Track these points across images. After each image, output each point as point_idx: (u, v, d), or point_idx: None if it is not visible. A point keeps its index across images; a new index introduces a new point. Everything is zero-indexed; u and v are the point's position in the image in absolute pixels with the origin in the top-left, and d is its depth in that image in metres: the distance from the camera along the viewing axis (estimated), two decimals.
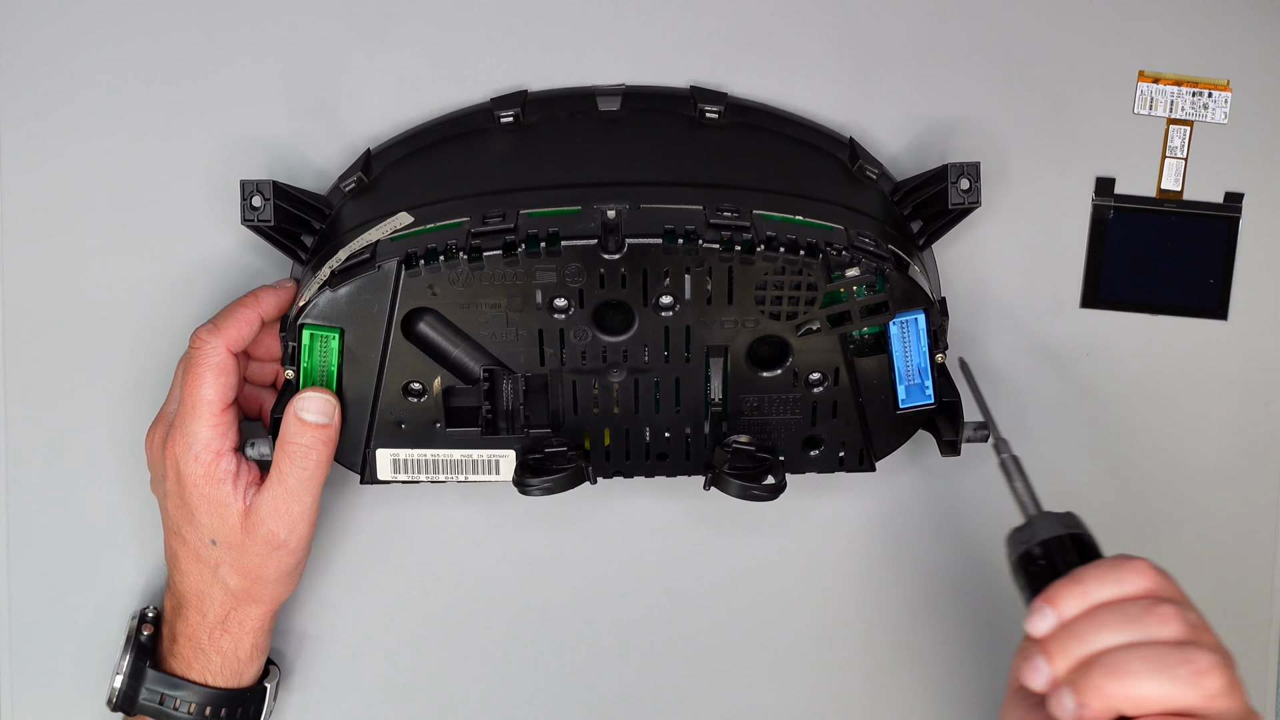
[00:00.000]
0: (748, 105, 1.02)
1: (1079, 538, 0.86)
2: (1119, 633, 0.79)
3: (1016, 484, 0.90)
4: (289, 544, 0.96)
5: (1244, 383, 1.06)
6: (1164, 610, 0.80)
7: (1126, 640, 0.79)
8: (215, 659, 0.99)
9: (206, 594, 0.98)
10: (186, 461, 0.95)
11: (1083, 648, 0.79)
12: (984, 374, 1.04)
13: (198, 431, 0.95)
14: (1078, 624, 0.80)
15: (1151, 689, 0.77)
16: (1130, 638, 0.79)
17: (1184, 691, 0.77)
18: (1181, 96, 1.03)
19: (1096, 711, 0.78)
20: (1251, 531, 1.07)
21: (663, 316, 0.92)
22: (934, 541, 1.07)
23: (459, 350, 0.95)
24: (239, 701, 1.00)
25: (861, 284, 0.91)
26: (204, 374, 0.95)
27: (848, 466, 0.99)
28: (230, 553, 0.96)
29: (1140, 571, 0.82)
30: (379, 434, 0.96)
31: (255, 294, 0.98)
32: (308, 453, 0.94)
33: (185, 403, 0.95)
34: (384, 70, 1.03)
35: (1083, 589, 0.82)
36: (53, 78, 1.02)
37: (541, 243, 0.90)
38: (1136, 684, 0.77)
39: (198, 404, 0.95)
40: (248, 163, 1.03)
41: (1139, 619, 0.79)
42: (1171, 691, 0.77)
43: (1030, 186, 1.04)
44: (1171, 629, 0.79)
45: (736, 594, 1.07)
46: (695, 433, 0.97)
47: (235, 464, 0.95)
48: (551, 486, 0.94)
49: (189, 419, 0.95)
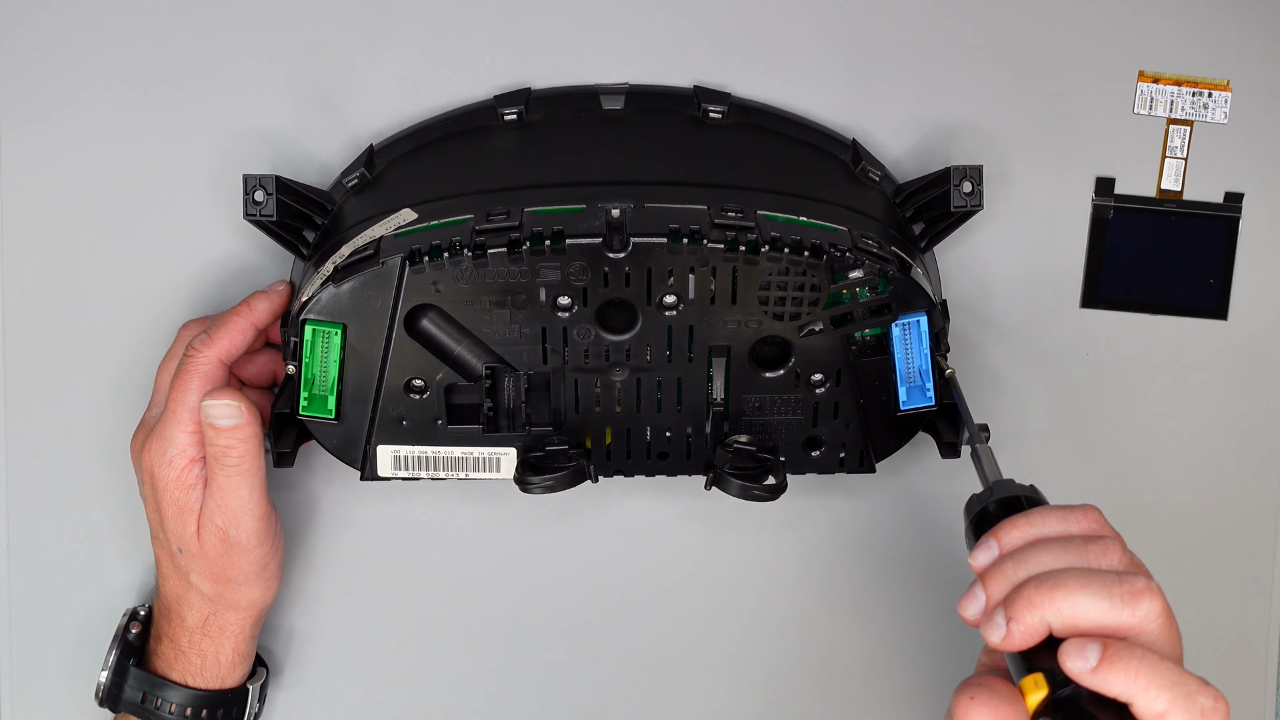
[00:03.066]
0: (751, 106, 1.02)
1: (1036, 501, 0.85)
2: (1057, 558, 0.77)
3: (984, 463, 0.90)
4: (240, 541, 0.96)
5: (1244, 383, 1.06)
6: (1106, 544, 0.77)
7: (1064, 565, 0.77)
8: (195, 661, 0.99)
9: (184, 599, 0.98)
10: (161, 466, 0.95)
11: (1020, 571, 0.77)
12: (984, 374, 1.05)
13: (175, 437, 0.95)
14: (1019, 551, 0.78)
15: (1084, 604, 0.74)
16: (1069, 563, 0.77)
17: (1117, 611, 0.74)
18: (1181, 96, 1.04)
19: (1027, 626, 0.75)
20: (1251, 531, 1.08)
21: (666, 316, 0.92)
22: (933, 543, 1.07)
23: (461, 347, 0.95)
24: (221, 703, 1.00)
25: (865, 286, 0.91)
26: (190, 381, 0.95)
27: (848, 467, 0.99)
28: (194, 560, 0.97)
29: (1089, 515, 0.80)
30: (380, 430, 0.96)
31: (249, 301, 0.98)
32: (226, 451, 0.94)
33: (168, 409, 0.96)
34: (387, 67, 1.03)
35: (1028, 524, 0.80)
36: (55, 74, 1.02)
37: (546, 241, 0.89)
38: (1068, 597, 0.74)
39: (179, 410, 0.95)
40: (251, 159, 1.03)
41: (1080, 548, 0.77)
42: (1104, 609, 0.74)
43: (1030, 186, 1.04)
44: (1111, 560, 0.77)
45: (736, 594, 1.07)
46: (696, 432, 0.98)
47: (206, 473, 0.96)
48: (552, 485, 0.95)
49: (168, 424, 0.95)
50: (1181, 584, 1.07)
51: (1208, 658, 1.07)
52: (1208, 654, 1.07)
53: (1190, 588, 1.08)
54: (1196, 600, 1.08)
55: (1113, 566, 0.77)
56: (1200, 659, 1.07)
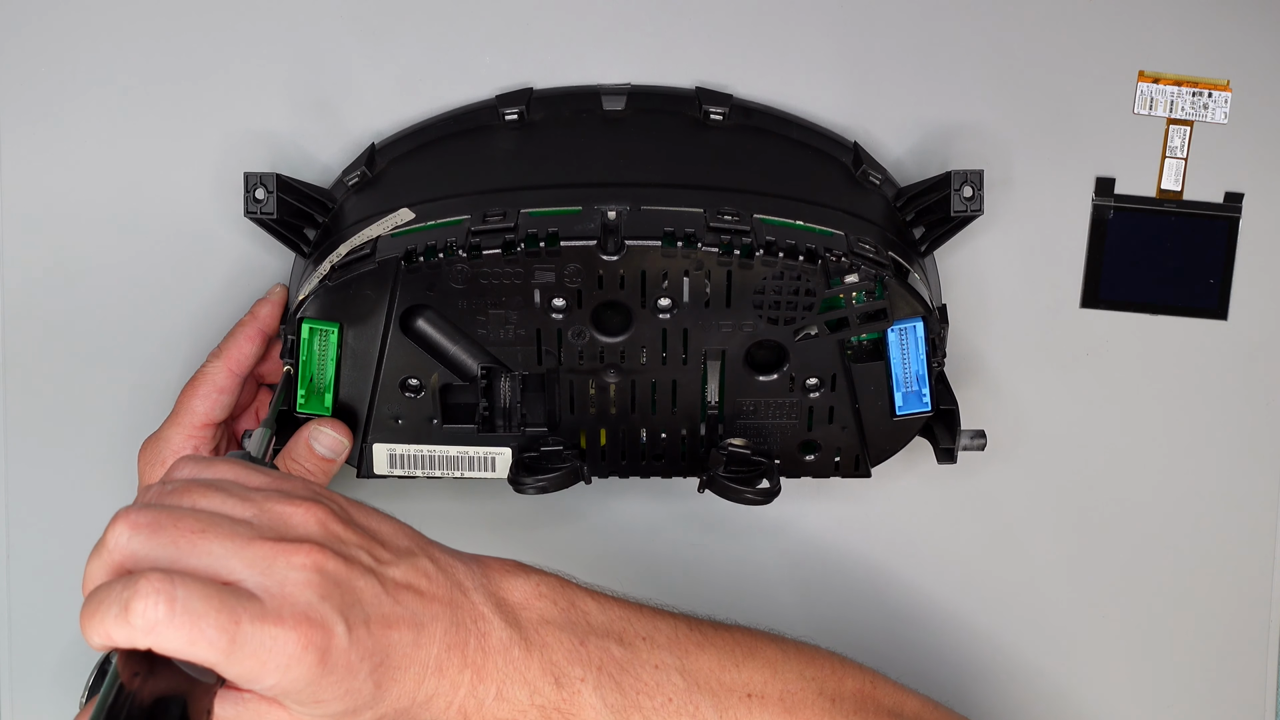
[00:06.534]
0: (752, 107, 1.02)
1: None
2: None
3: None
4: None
5: (1244, 383, 1.06)
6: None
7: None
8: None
9: None
10: (154, 467, 0.95)
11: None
12: (984, 374, 1.04)
13: (170, 437, 0.95)
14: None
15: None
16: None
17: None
18: (1181, 96, 1.03)
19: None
20: (1251, 531, 1.07)
21: (661, 318, 0.92)
22: (928, 548, 1.07)
23: (457, 347, 0.95)
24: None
25: (860, 290, 0.91)
26: (198, 388, 0.96)
27: (843, 472, 0.99)
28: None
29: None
30: (376, 429, 0.97)
31: (252, 311, 0.99)
32: (309, 476, 0.95)
33: (172, 413, 0.96)
34: (389, 67, 1.03)
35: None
36: (56, 73, 1.02)
37: (541, 242, 0.89)
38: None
39: (181, 413, 0.96)
40: (252, 159, 1.03)
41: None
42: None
43: (1030, 186, 1.04)
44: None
45: (729, 597, 1.06)
46: (691, 435, 0.98)
47: None
48: (546, 485, 0.95)
49: (167, 425, 0.96)
50: (1181, 584, 1.07)
51: (1208, 658, 1.08)
52: (1208, 654, 1.08)
53: (1190, 588, 1.08)
54: (1196, 600, 1.08)
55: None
56: (1201, 659, 1.08)
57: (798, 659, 0.90)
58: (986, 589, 1.07)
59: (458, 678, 0.76)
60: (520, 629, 0.79)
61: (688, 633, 0.86)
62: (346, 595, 0.72)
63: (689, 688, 0.84)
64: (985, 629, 1.07)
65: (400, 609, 0.74)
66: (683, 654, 0.85)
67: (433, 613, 0.76)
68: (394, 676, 0.74)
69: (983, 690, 1.07)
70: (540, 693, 0.79)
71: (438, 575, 0.78)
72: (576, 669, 0.80)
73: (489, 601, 0.79)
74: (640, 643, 0.84)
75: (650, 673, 0.83)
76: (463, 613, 0.78)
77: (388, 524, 0.79)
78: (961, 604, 1.07)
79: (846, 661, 0.92)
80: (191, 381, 0.96)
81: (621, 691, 0.82)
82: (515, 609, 0.80)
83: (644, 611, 0.86)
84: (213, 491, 0.72)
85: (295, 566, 0.70)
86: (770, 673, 0.88)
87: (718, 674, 0.85)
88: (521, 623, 0.80)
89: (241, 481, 0.75)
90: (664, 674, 0.83)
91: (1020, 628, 1.08)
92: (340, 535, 0.74)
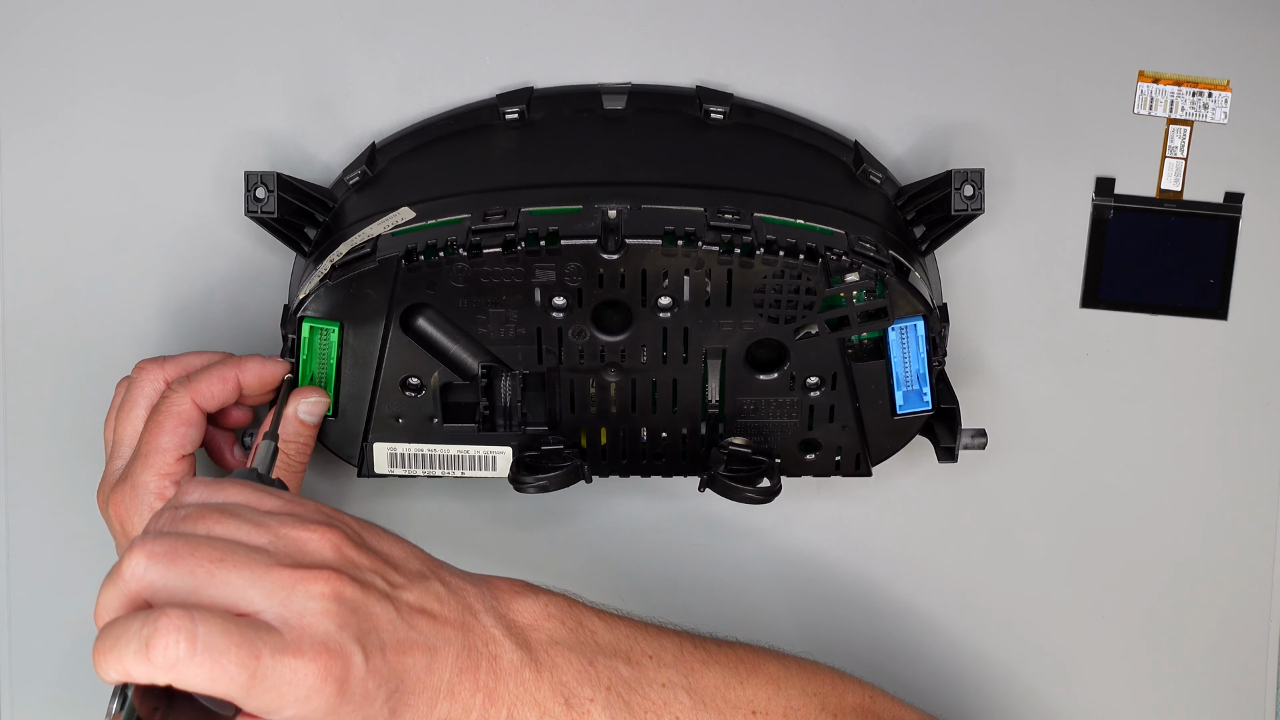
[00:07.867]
0: (753, 106, 1.02)
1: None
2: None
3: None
4: None
5: (1244, 383, 1.06)
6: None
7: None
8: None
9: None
10: (139, 513, 0.91)
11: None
12: (984, 374, 1.04)
13: (147, 482, 0.91)
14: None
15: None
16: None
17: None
18: (1181, 96, 1.03)
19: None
20: (1252, 531, 1.07)
21: (661, 317, 0.92)
22: (929, 547, 1.07)
23: (457, 346, 0.95)
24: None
25: (861, 289, 0.91)
26: (164, 422, 0.92)
27: (844, 471, 0.99)
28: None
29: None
30: (376, 428, 0.97)
31: (241, 359, 0.95)
32: (301, 448, 0.95)
33: (138, 451, 0.92)
34: (389, 67, 1.03)
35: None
36: (57, 74, 1.02)
37: (541, 241, 0.90)
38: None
39: (150, 452, 0.92)
40: (253, 157, 1.03)
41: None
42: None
43: (1030, 186, 1.04)
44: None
45: (730, 596, 1.07)
46: (692, 434, 0.98)
47: None
48: (547, 484, 0.95)
49: (138, 469, 0.91)
50: (1181, 584, 1.07)
51: (1208, 658, 1.08)
52: (1208, 654, 1.08)
53: (1190, 588, 1.08)
54: (1196, 600, 1.08)
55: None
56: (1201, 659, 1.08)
57: (799, 675, 0.90)
58: (987, 588, 1.07)
59: (470, 701, 0.77)
60: (530, 650, 0.80)
61: (692, 650, 0.87)
62: (363, 622, 0.72)
63: (695, 705, 0.85)
64: (985, 627, 1.07)
65: (414, 634, 0.75)
66: (688, 672, 0.85)
67: (445, 637, 0.76)
68: (408, 702, 0.74)
69: (982, 689, 1.07)
70: (550, 714, 0.79)
71: (449, 598, 0.78)
72: (586, 689, 0.81)
73: (499, 624, 0.80)
74: (647, 661, 0.84)
75: (657, 691, 0.83)
76: (474, 636, 0.78)
77: (399, 546, 0.80)
78: (962, 602, 1.07)
79: (847, 677, 0.92)
80: (159, 413, 0.92)
81: (630, 710, 0.82)
82: (525, 630, 0.81)
83: (649, 630, 0.86)
84: (227, 517, 0.73)
85: (314, 596, 0.71)
86: (773, 689, 0.88)
87: (723, 691, 0.86)
88: (531, 644, 0.80)
89: (254, 505, 0.75)
90: (671, 692, 0.84)
91: (1020, 625, 1.08)
92: (355, 560, 0.75)
